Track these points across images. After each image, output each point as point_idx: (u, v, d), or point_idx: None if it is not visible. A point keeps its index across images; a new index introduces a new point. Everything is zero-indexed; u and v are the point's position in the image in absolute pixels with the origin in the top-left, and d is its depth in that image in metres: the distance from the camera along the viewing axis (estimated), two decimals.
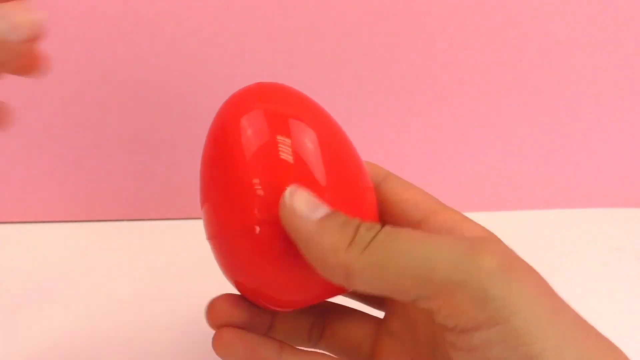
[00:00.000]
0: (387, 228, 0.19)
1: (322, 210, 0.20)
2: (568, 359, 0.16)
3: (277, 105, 0.23)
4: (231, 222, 0.22)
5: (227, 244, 0.23)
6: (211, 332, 0.24)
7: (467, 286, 0.16)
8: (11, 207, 0.43)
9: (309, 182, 0.21)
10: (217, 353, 0.24)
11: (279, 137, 0.22)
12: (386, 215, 0.24)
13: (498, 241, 0.19)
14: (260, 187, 0.21)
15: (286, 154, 0.21)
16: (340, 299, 0.26)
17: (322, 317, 0.27)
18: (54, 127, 0.42)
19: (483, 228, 0.23)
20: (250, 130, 0.22)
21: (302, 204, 0.20)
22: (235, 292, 0.25)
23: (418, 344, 0.24)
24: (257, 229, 0.21)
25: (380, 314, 0.27)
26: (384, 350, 0.25)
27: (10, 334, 0.34)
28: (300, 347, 0.26)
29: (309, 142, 0.22)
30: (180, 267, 0.40)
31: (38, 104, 0.41)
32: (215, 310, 0.24)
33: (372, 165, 0.25)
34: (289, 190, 0.20)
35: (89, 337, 0.35)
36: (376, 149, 0.44)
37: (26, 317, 0.35)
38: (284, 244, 0.21)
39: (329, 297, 0.24)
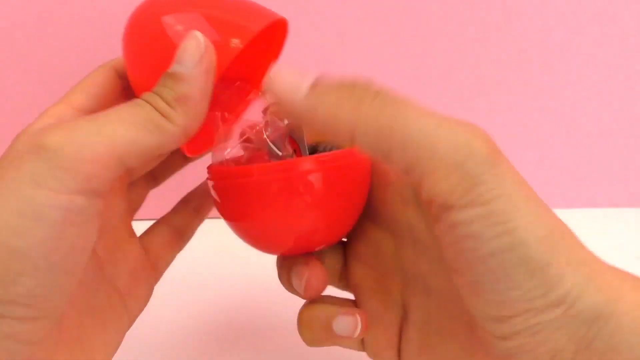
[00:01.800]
0: (387, 90, 0.20)
1: (309, 78, 0.20)
2: (537, 232, 0.18)
3: None
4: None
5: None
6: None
7: (463, 169, 0.18)
8: None
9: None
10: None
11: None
12: None
13: (483, 130, 0.20)
14: None
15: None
16: None
17: None
18: None
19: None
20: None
21: (285, 84, 0.20)
22: None
23: (382, 262, 0.26)
24: None
25: None
26: (353, 272, 0.27)
27: None
28: None
29: None
30: (175, 267, 0.40)
31: (38, 103, 0.41)
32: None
33: None
34: (269, 77, 0.20)
35: None
36: None
37: None
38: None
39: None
